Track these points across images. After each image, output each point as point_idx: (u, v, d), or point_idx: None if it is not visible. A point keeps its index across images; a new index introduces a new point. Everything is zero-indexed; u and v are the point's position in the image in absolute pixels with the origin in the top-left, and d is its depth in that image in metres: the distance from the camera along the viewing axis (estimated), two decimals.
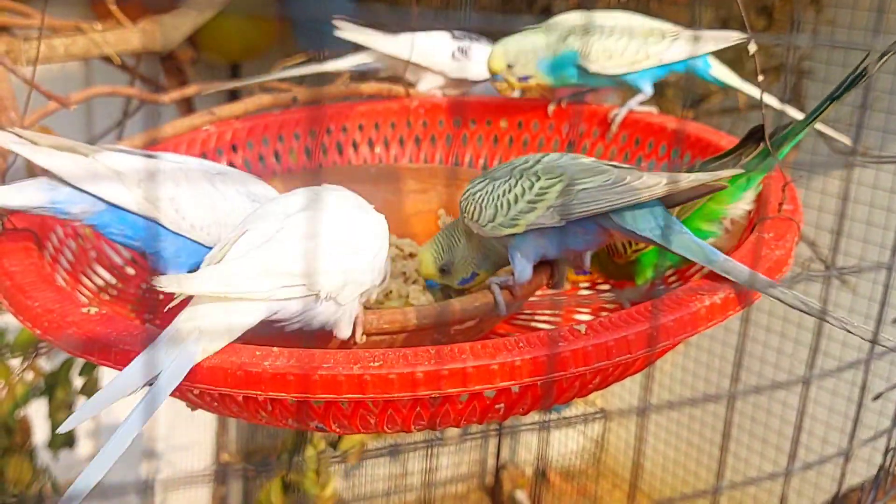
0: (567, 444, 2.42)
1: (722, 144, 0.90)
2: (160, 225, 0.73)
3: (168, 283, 0.58)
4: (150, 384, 0.55)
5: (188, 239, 0.75)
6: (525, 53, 1.02)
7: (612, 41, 1.00)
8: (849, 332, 0.63)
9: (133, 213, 0.73)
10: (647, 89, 1.03)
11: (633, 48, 1.00)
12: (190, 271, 0.77)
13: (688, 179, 0.69)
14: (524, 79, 1.03)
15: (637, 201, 0.68)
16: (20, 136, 0.71)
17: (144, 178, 0.73)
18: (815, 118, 0.75)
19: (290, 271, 0.61)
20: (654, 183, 0.68)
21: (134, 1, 1.28)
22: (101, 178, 0.71)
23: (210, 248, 0.75)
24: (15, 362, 1.32)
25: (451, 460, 2.36)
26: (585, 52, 1.00)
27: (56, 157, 0.70)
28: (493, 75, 1.03)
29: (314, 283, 0.62)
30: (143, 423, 0.54)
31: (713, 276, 0.66)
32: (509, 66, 1.02)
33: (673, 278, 0.87)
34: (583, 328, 0.59)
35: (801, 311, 0.63)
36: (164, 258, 0.75)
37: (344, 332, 0.66)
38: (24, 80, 0.86)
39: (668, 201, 0.72)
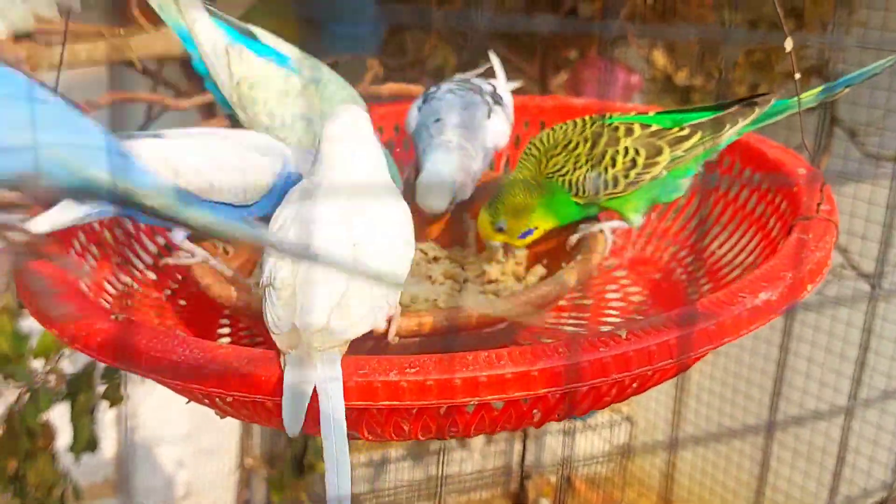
0: (592, 451, 2.40)
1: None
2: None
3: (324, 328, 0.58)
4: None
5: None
6: None
7: None
8: None
9: None
10: None
11: None
12: None
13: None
14: None
15: None
16: None
17: (166, 155, 0.74)
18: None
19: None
20: None
21: None
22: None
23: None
24: (37, 365, 1.32)
25: (474, 466, 2.35)
26: None
27: None
28: None
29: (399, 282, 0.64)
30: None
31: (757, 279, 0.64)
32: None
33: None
34: (623, 333, 0.57)
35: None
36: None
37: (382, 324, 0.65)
38: (45, 85, 0.86)
39: None
